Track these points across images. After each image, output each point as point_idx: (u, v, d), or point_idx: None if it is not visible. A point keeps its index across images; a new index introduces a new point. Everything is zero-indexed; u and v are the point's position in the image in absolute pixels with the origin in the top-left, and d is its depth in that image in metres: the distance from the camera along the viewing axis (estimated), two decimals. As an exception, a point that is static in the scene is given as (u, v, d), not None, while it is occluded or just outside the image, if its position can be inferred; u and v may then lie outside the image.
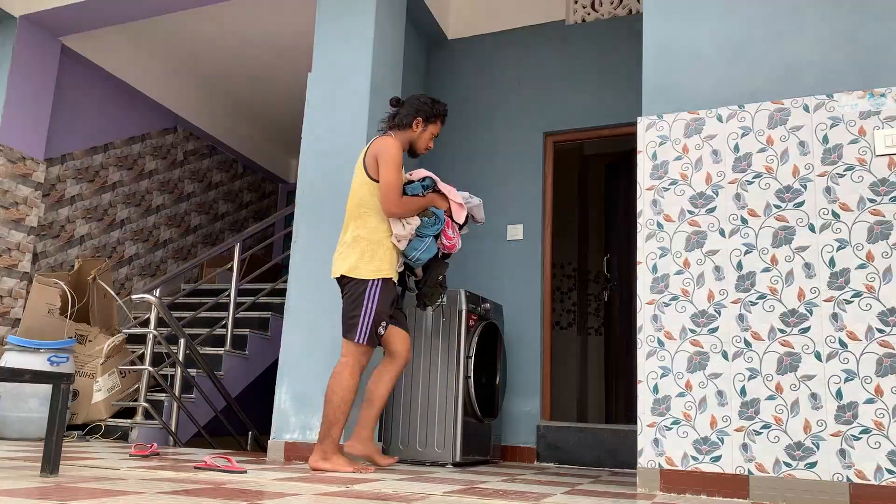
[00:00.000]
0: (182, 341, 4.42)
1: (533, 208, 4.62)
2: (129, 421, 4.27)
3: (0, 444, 3.56)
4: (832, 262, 2.49)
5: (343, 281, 3.05)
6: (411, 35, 4.77)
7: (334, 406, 2.92)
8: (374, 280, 2.97)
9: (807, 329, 2.48)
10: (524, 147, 4.74)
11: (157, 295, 4.29)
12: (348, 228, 3.08)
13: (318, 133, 3.77)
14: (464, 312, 3.76)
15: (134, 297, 4.40)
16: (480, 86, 4.97)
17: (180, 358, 4.38)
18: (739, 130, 2.73)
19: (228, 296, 4.98)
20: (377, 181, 3.02)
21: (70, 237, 5.66)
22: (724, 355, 2.57)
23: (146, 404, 4.21)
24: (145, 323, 5.02)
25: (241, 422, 4.73)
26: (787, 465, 2.40)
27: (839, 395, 2.39)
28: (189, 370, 4.42)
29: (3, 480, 2.01)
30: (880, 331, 2.38)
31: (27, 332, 4.30)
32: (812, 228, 2.54)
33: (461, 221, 3.24)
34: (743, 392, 2.52)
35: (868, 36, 2.62)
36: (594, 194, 6.78)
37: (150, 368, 4.21)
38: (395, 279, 3.10)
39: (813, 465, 2.37)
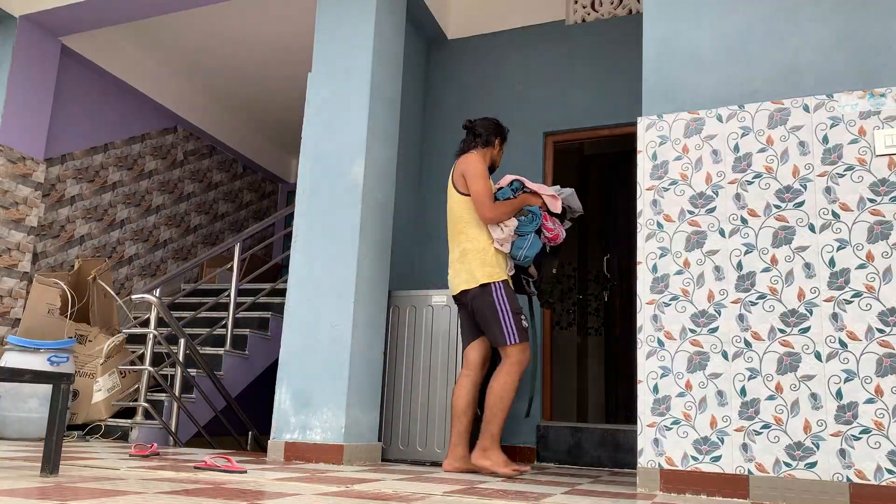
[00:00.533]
0: (182, 341, 4.42)
1: (533, 208, 4.61)
2: (129, 421, 4.27)
3: (0, 444, 3.56)
4: (832, 262, 2.49)
5: (466, 296, 3.25)
6: (411, 35, 4.77)
7: (491, 403, 3.12)
8: (494, 283, 3.19)
9: (807, 329, 2.48)
10: (524, 147, 4.73)
11: (157, 295, 4.29)
12: (455, 246, 3.32)
13: (318, 133, 3.77)
14: (464, 312, 3.76)
15: (134, 297, 4.40)
16: (480, 86, 4.97)
17: (180, 358, 4.38)
18: (739, 130, 2.73)
19: (228, 296, 4.98)
20: (468, 195, 3.27)
21: (70, 237, 5.66)
22: (724, 355, 2.57)
23: (146, 404, 4.21)
24: (145, 323, 5.03)
25: (241, 422, 4.73)
26: (787, 465, 2.40)
27: (839, 395, 2.39)
28: (189, 370, 4.42)
29: (3, 480, 2.01)
30: (880, 331, 2.38)
31: (27, 332, 4.30)
32: (812, 228, 2.54)
33: (558, 211, 3.39)
34: (743, 392, 2.52)
35: (868, 36, 2.62)
36: (594, 194, 6.78)
37: (150, 368, 4.21)
38: (511, 284, 3.29)
39: (813, 465, 2.37)
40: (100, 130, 5.95)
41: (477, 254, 3.23)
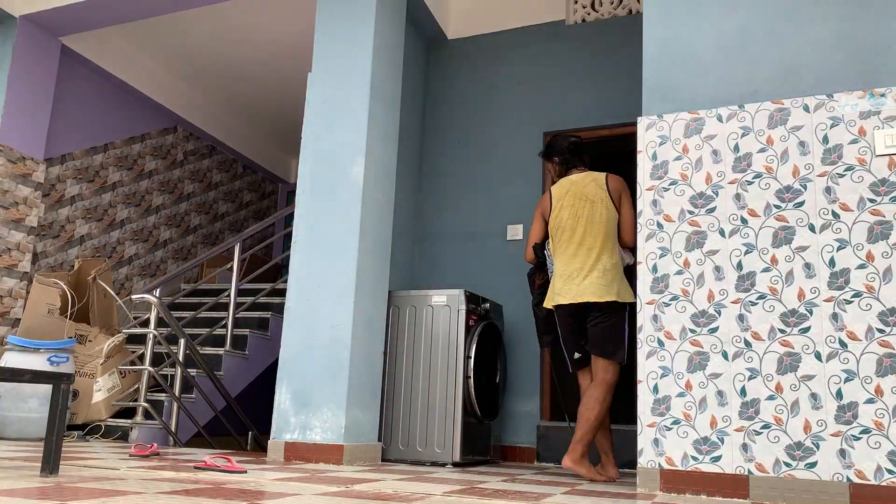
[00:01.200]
0: (182, 341, 4.42)
1: (533, 208, 4.61)
2: (129, 421, 4.27)
3: (0, 444, 3.56)
4: (832, 262, 2.49)
5: (605, 306, 3.24)
6: (411, 35, 4.77)
7: (597, 414, 3.18)
8: (630, 304, 3.24)
9: (807, 329, 2.48)
10: (524, 147, 4.73)
11: (157, 295, 4.29)
12: (600, 257, 3.28)
13: (318, 133, 3.77)
14: (464, 312, 3.76)
15: (134, 297, 4.40)
16: (480, 86, 4.97)
17: (180, 358, 4.38)
18: (739, 130, 2.73)
19: (228, 296, 4.98)
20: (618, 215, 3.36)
21: (70, 237, 5.66)
22: (724, 355, 2.57)
23: (146, 404, 4.21)
24: (145, 323, 5.03)
25: (241, 422, 4.73)
26: (787, 465, 2.40)
27: (839, 395, 2.39)
28: (189, 370, 4.42)
29: (3, 480, 2.01)
30: (880, 331, 2.38)
31: (27, 332, 4.30)
32: (812, 228, 2.54)
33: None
34: (743, 392, 2.52)
35: (868, 36, 2.62)
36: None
37: (150, 368, 4.21)
38: None
39: (813, 465, 2.37)
40: (100, 130, 5.95)
41: (621, 272, 3.30)
